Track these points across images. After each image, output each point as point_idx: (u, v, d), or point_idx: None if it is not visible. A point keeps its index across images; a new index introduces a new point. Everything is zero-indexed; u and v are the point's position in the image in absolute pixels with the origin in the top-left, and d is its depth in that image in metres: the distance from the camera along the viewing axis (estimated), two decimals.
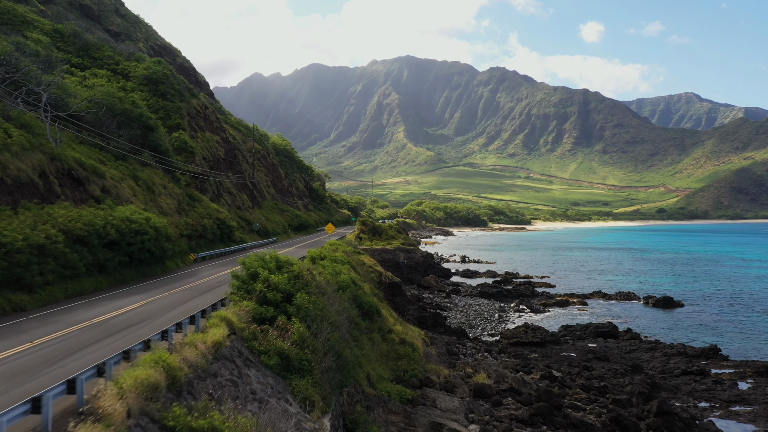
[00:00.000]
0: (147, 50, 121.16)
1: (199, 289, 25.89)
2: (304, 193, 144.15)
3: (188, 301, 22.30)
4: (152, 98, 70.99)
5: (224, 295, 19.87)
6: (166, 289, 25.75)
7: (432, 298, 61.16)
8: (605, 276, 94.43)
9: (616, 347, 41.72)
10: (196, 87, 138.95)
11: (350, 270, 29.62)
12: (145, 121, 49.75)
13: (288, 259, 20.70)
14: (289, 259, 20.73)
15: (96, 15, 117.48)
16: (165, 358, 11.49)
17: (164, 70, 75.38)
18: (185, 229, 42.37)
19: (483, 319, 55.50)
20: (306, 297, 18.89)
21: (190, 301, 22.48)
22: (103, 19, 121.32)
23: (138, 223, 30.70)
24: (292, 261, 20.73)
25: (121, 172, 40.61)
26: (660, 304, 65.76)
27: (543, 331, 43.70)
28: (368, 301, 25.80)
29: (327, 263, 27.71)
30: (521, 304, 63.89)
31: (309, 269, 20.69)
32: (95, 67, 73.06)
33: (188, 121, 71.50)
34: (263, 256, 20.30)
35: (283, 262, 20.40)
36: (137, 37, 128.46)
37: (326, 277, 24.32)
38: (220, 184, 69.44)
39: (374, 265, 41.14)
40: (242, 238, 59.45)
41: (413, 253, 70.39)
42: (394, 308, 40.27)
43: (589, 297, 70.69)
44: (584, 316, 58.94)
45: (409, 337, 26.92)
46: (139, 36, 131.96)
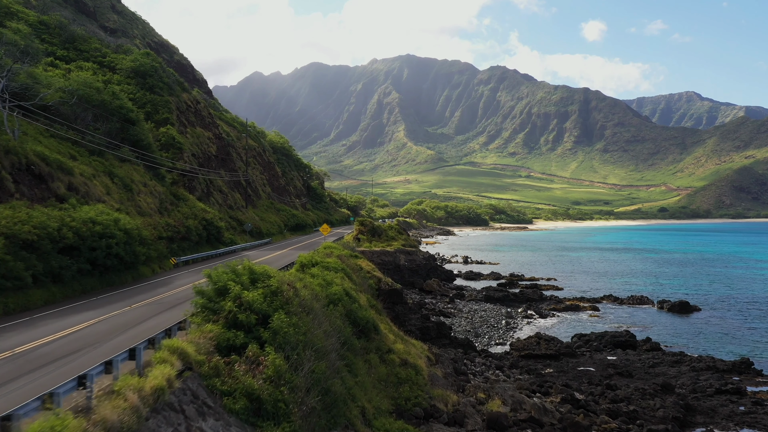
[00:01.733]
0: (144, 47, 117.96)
1: (167, 303, 22.24)
2: (302, 192, 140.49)
3: (148, 320, 18.64)
4: (139, 91, 67.44)
5: (184, 316, 16.19)
6: (128, 303, 22.10)
7: (435, 303, 57.50)
8: (613, 278, 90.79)
9: (638, 360, 38.05)
10: (193, 84, 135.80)
11: (344, 278, 25.96)
12: (125, 113, 46.06)
13: (265, 271, 17.04)
14: (266, 271, 17.06)
15: (91, 11, 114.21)
16: (60, 429, 7.83)
17: (153, 62, 71.73)
18: (165, 230, 38.71)
19: (489, 327, 51.85)
20: (285, 319, 15.23)
21: (150, 319, 18.83)
22: (98, 16, 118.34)
23: (103, 225, 27.02)
24: (270, 272, 17.06)
25: (94, 168, 36.94)
26: (676, 309, 62.09)
27: (557, 342, 40.04)
28: (364, 316, 22.15)
29: (317, 271, 24.06)
30: (529, 309, 60.23)
31: (290, 283, 17.02)
32: (81, 59, 69.57)
33: (177, 115, 67.83)
34: (235, 266, 16.63)
35: (258, 274, 16.74)
36: (134, 34, 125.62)
37: (314, 289, 20.65)
38: (211, 182, 65.78)
39: (372, 270, 37.48)
40: (232, 240, 55.79)
41: (415, 255, 66.72)
42: (394, 318, 36.63)
43: (599, 301, 67.06)
44: (597, 323, 55.30)
45: (411, 357, 23.27)
46: (135, 33, 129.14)
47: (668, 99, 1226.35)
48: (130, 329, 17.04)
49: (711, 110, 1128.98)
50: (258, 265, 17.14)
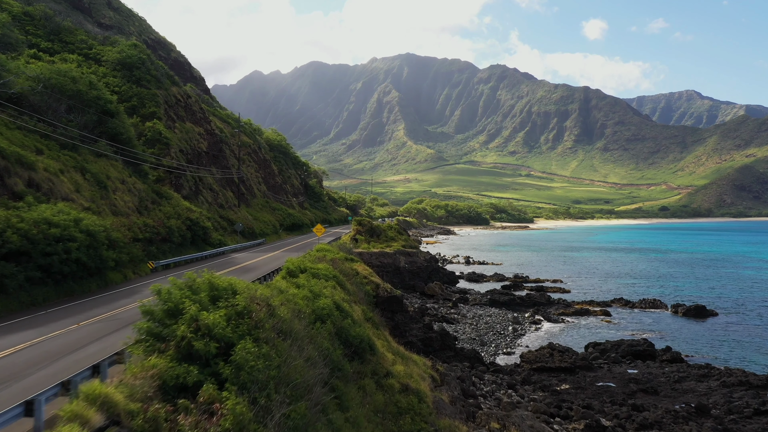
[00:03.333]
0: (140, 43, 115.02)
1: (125, 319, 18.83)
2: (300, 191, 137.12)
3: (92, 343, 15.24)
4: (125, 84, 64.24)
5: (124, 345, 12.78)
6: (79, 319, 18.69)
7: (437, 308, 54.07)
8: (621, 279, 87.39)
9: (661, 374, 34.64)
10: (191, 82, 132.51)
11: (336, 288, 22.56)
12: (103, 104, 42.63)
13: (231, 284, 13.63)
14: (232, 285, 13.65)
15: (86, 7, 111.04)
16: None
17: (140, 54, 68.43)
18: (143, 231, 35.28)
19: (496, 334, 48.46)
20: (253, 349, 11.83)
21: (95, 342, 15.43)
22: (94, 12, 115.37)
23: (61, 227, 23.62)
24: (237, 287, 13.65)
25: (63, 163, 33.51)
26: (691, 313, 58.72)
27: (571, 354, 36.62)
28: (358, 334, 18.75)
29: (303, 280, 20.66)
30: (536, 314, 56.85)
31: (261, 301, 13.60)
32: (66, 51, 66.39)
33: (165, 110, 64.43)
34: (192, 280, 13.21)
35: (222, 289, 13.33)
36: (130, 31, 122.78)
37: (298, 303, 17.26)
38: (200, 179, 62.36)
39: (370, 275, 34.08)
40: (221, 241, 52.38)
41: (415, 256, 63.29)
42: (394, 327, 33.24)
43: (610, 305, 63.67)
44: (609, 329, 51.93)
45: (413, 381, 19.88)
46: (132, 30, 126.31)
47: (668, 98, 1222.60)
48: (63, 358, 13.64)
49: (711, 109, 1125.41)
50: (222, 278, 13.72)
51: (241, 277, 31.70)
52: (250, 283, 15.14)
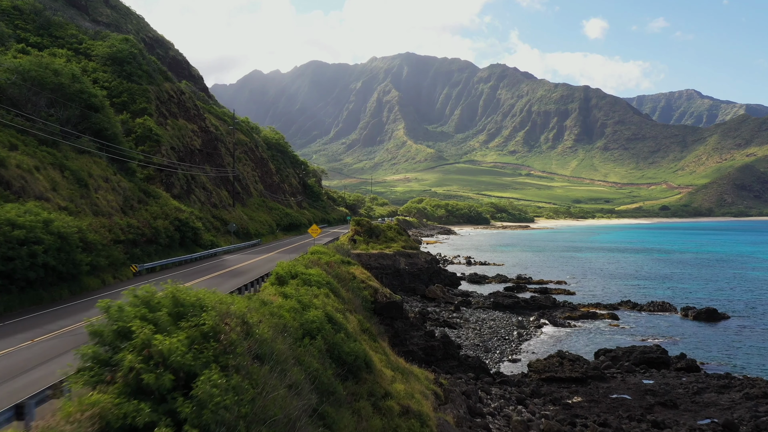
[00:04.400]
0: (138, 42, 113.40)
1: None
2: (298, 190, 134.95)
3: (39, 366, 13.05)
4: (116, 79, 62.15)
5: (62, 375, 10.59)
6: (37, 333, 16.50)
7: (439, 312, 51.86)
8: (627, 281, 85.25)
9: (679, 384, 32.47)
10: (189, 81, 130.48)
11: (329, 296, 20.39)
12: (87, 98, 40.44)
13: (199, 299, 11.44)
14: (200, 299, 11.46)
15: (83, 5, 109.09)
16: None
17: (131, 48, 66.27)
18: (126, 232, 33.08)
19: (500, 339, 46.30)
20: (220, 381, 9.64)
21: (45, 364, 13.24)
22: (91, 10, 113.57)
23: (27, 229, 21.44)
24: (206, 301, 11.46)
25: (39, 159, 31.33)
26: (702, 316, 56.56)
27: (582, 363, 34.43)
28: (353, 350, 16.58)
29: (291, 289, 18.47)
30: (542, 317, 54.68)
31: (235, 318, 11.45)
32: (55, 46, 64.36)
33: (157, 106, 62.27)
34: (150, 294, 11.00)
35: (188, 305, 11.13)
36: (127, 29, 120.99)
37: (283, 316, 15.07)
38: (193, 178, 60.17)
39: (368, 279, 31.91)
40: (213, 242, 50.20)
41: (416, 257, 61.10)
42: (393, 335, 31.06)
43: (617, 308, 61.53)
44: (618, 335, 49.77)
45: (414, 402, 17.72)
46: (129, 28, 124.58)
47: (668, 97, 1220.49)
48: None
49: (711, 108, 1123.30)
50: (189, 290, 11.53)
51: (230, 282, 29.56)
52: (224, 296, 12.95)
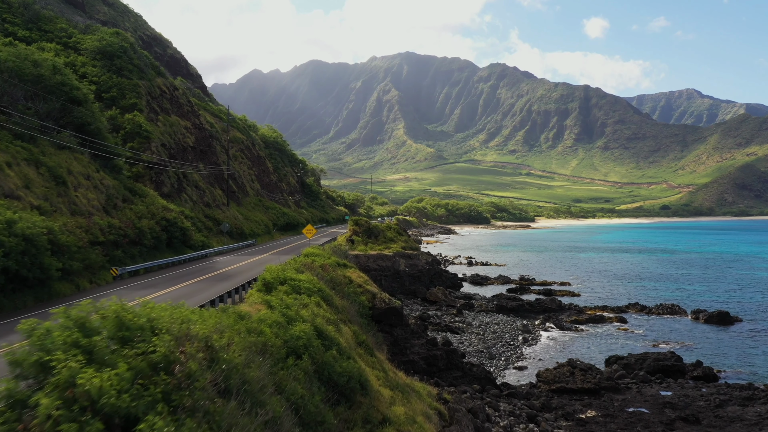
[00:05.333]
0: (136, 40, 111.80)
1: None
2: (296, 189, 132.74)
3: None
4: (105, 74, 60.01)
5: None
6: None
7: (440, 316, 49.66)
8: (632, 282, 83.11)
9: (699, 396, 30.28)
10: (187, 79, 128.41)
11: (320, 305, 18.20)
12: (69, 91, 38.25)
13: (152, 319, 9.25)
14: (153, 319, 9.27)
15: (80, 2, 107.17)
16: None
17: (122, 42, 64.14)
18: (106, 233, 30.88)
19: (505, 344, 44.13)
20: (166, 428, 7.46)
21: None
22: (88, 8, 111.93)
23: None
24: (160, 321, 9.27)
25: (12, 155, 29.13)
26: (714, 320, 54.43)
27: (595, 372, 32.22)
28: (346, 370, 14.39)
29: (275, 300, 16.26)
30: (547, 321, 52.54)
31: (197, 341, 9.27)
32: (44, 40, 62.21)
33: (148, 101, 60.09)
34: (85, 315, 8.77)
35: (135, 328, 8.93)
36: (125, 27, 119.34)
37: (264, 332, 12.89)
38: (185, 176, 57.97)
39: (365, 283, 29.72)
40: (205, 243, 48.02)
41: (416, 259, 58.90)
42: (392, 344, 28.88)
43: (625, 311, 59.37)
44: (628, 339, 47.63)
45: (416, 428, 15.59)
46: (127, 26, 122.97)
47: (668, 96, 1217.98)
48: None
49: (711, 108, 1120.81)
50: (138, 309, 9.33)
51: (215, 287, 27.37)
52: (187, 312, 10.73)
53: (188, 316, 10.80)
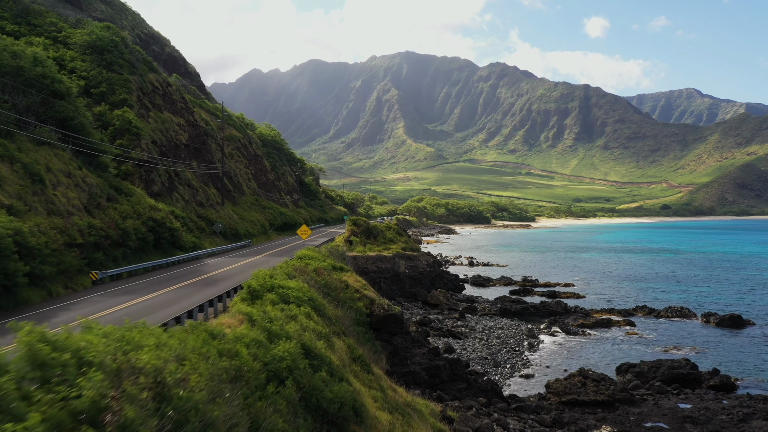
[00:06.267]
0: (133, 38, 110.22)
1: None
2: (295, 188, 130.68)
3: None
4: (94, 69, 58.00)
5: None
6: None
7: (442, 320, 47.66)
8: (638, 283, 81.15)
9: (720, 409, 28.30)
10: (186, 78, 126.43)
11: (310, 317, 16.18)
12: (50, 84, 36.23)
13: (80, 349, 7.24)
14: (82, 349, 7.25)
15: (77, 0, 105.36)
16: None
17: (113, 36, 62.13)
18: (85, 235, 28.86)
19: (510, 350, 42.14)
20: None
21: None
22: (85, 5, 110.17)
23: None
24: (94, 353, 7.22)
25: None
26: (726, 323, 52.47)
27: (608, 383, 30.19)
28: (337, 395, 12.39)
29: (258, 311, 14.24)
30: (553, 325, 50.59)
31: (145, 376, 7.22)
32: (33, 35, 60.26)
33: (139, 97, 58.06)
34: None
35: (56, 365, 6.90)
36: (123, 25, 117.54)
37: (240, 354, 10.89)
38: (177, 174, 55.96)
39: (363, 288, 27.72)
40: (196, 244, 45.99)
41: (417, 260, 56.87)
42: (392, 354, 26.88)
43: (633, 314, 57.40)
44: (638, 345, 45.64)
45: None
46: (124, 24, 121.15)
47: (668, 96, 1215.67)
48: None
49: (711, 107, 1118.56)
50: (67, 336, 7.35)
51: (200, 293, 25.31)
52: (139, 335, 8.73)
53: (139, 341, 8.78)
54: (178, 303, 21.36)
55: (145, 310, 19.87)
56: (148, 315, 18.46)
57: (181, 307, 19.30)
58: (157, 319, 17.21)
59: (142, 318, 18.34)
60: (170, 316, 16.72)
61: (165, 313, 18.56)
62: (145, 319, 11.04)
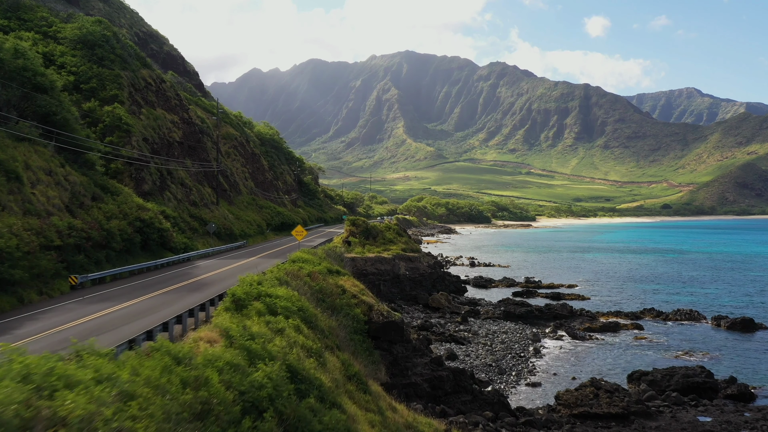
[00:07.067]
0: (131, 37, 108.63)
1: None
2: (293, 188, 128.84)
3: None
4: (85, 64, 56.21)
5: None
6: None
7: (444, 324, 45.86)
8: (643, 284, 79.36)
9: (743, 423, 26.53)
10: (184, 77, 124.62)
11: (299, 330, 14.37)
12: (32, 77, 34.42)
13: None
14: None
15: None
16: None
17: (104, 30, 60.29)
18: (64, 236, 27.04)
19: (515, 357, 40.36)
20: None
21: None
22: (82, 3, 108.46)
23: None
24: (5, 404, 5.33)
25: None
26: (737, 326, 50.69)
27: (622, 394, 28.38)
28: (327, 427, 10.61)
29: (235, 326, 12.43)
30: (559, 329, 48.80)
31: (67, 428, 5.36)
32: (23, 30, 58.50)
33: (130, 93, 56.25)
34: None
35: None
36: (120, 23, 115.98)
37: (209, 383, 9.03)
38: (169, 173, 54.12)
39: (360, 293, 25.92)
40: (188, 245, 44.19)
41: (417, 261, 55.07)
42: (391, 364, 25.07)
43: (640, 317, 55.61)
44: (648, 350, 43.87)
45: None
46: (122, 22, 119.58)
47: (668, 95, 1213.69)
48: None
49: (711, 106, 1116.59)
50: None
51: (186, 299, 23.28)
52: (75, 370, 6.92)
53: (73, 376, 6.98)
54: (157, 312, 19.54)
55: (118, 321, 18.06)
56: (118, 327, 16.67)
57: (158, 318, 17.48)
58: (125, 333, 15.40)
59: (110, 330, 16.51)
60: (142, 329, 14.90)
61: (138, 325, 16.74)
62: (95, 338, 9.23)
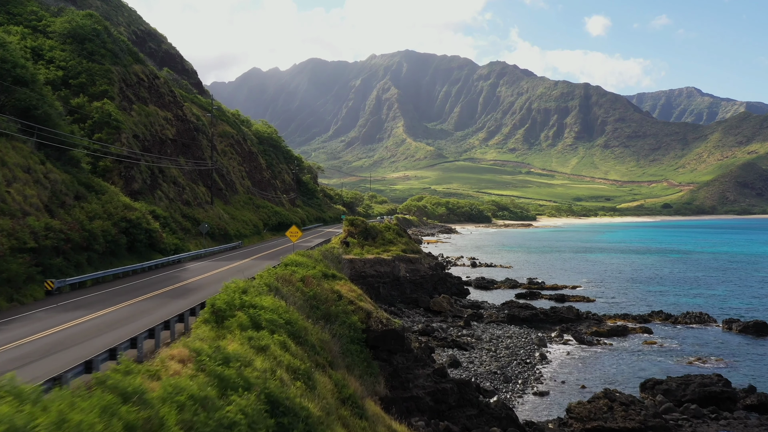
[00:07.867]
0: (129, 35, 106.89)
1: None
2: (291, 187, 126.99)
3: None
4: (74, 59, 54.44)
5: None
6: None
7: (446, 329, 44.00)
8: (649, 286, 77.57)
9: None
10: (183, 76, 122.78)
11: (286, 347, 12.53)
12: (11, 69, 32.58)
13: None
14: None
15: None
16: None
17: (94, 24, 58.49)
18: (40, 238, 25.20)
19: (520, 363, 38.55)
20: None
21: None
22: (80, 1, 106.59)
23: None
24: None
25: None
26: (750, 330, 48.91)
27: (638, 407, 26.56)
28: None
29: (208, 347, 10.62)
30: (565, 333, 47.00)
31: None
32: (12, 24, 56.77)
33: (121, 88, 54.41)
34: None
35: None
36: (118, 21, 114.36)
37: (163, 426, 7.13)
38: (161, 171, 52.26)
39: (357, 299, 24.10)
40: (179, 246, 42.35)
41: (418, 263, 53.22)
42: (391, 375, 23.24)
43: (648, 320, 53.78)
44: (659, 355, 42.05)
45: None
46: (120, 20, 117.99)
47: (668, 95, 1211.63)
48: None
49: (711, 106, 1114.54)
50: None
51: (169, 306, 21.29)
52: None
53: None
54: (133, 322, 17.70)
55: (88, 332, 16.23)
56: (86, 340, 14.85)
57: (133, 329, 15.64)
58: (91, 348, 13.55)
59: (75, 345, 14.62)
60: (109, 344, 13.08)
61: (107, 338, 14.92)
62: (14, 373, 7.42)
